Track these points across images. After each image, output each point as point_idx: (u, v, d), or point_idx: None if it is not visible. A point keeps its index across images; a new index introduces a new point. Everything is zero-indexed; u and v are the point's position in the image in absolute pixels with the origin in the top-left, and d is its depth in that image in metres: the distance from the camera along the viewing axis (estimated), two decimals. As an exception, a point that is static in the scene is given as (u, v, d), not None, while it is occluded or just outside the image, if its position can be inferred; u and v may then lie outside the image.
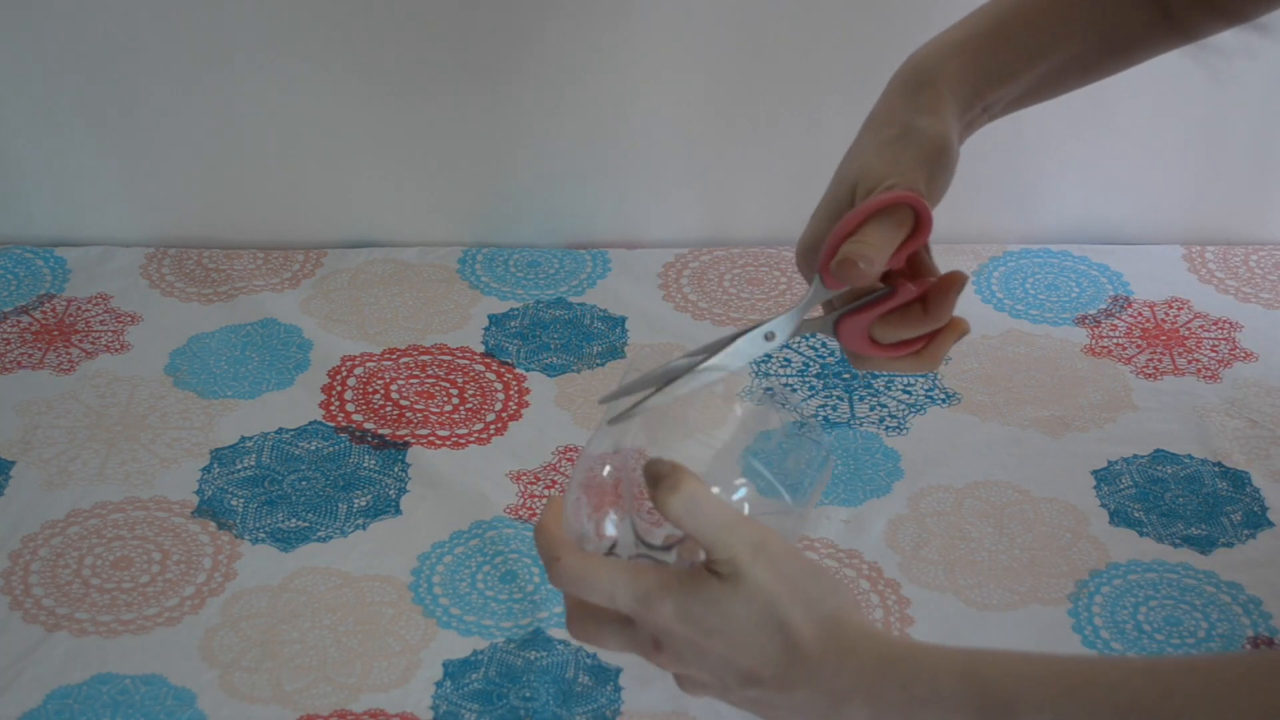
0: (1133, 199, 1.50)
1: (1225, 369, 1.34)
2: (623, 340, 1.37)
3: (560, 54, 1.42)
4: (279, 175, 1.48)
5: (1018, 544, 1.16)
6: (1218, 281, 1.45)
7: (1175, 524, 1.18)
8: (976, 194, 1.51)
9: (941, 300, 0.88)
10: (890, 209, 0.86)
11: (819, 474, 0.84)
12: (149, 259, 1.46)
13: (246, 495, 1.20)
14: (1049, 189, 1.50)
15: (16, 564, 1.13)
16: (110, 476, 1.21)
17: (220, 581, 1.13)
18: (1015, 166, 1.49)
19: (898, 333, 0.88)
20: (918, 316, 0.88)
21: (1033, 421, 1.28)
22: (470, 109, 1.45)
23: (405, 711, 1.03)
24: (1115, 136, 1.47)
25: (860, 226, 0.86)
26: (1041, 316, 1.40)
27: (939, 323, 0.88)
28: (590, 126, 1.47)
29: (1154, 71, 1.48)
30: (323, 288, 1.43)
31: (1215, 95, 1.45)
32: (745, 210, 1.50)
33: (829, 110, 1.45)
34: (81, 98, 1.43)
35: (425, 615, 1.10)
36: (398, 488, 1.21)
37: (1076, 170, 1.50)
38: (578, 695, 1.05)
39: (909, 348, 0.89)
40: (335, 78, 1.43)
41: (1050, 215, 1.50)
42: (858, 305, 0.88)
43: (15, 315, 1.38)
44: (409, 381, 1.31)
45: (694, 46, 1.42)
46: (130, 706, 1.03)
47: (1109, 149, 1.49)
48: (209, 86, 1.43)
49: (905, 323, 0.88)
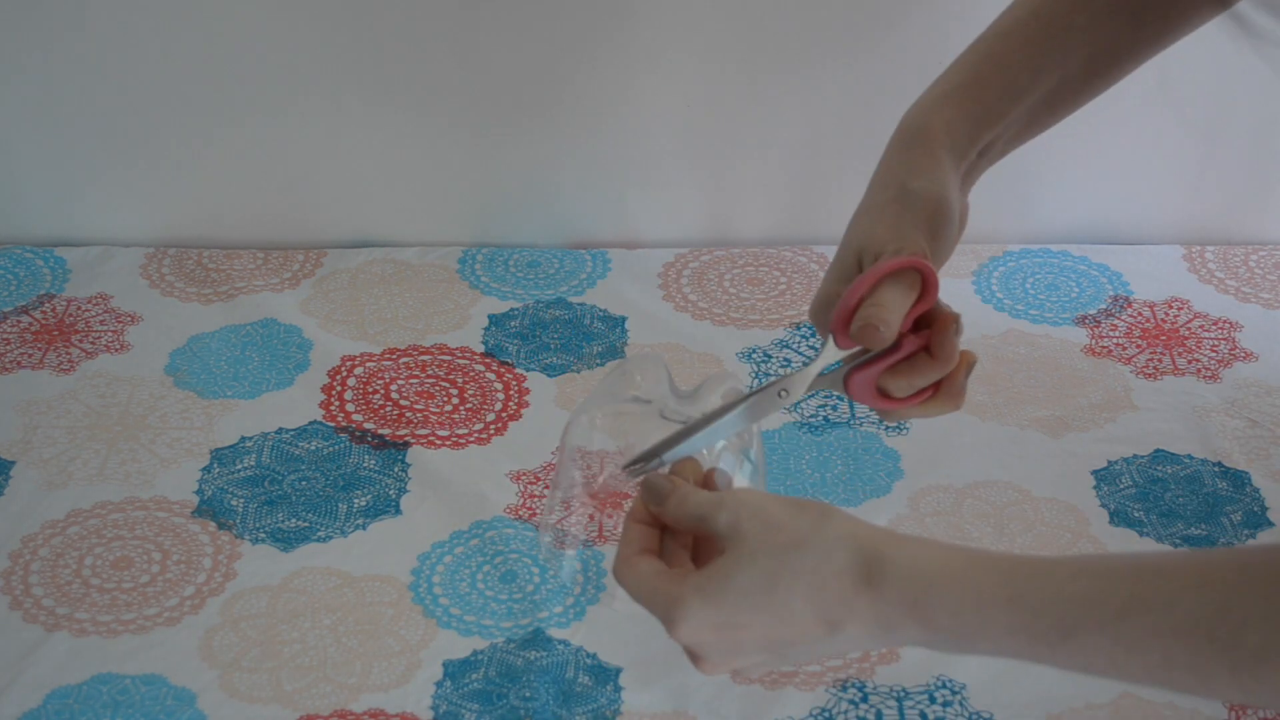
0: (1133, 199, 1.50)
1: (1225, 369, 1.34)
2: (623, 340, 1.37)
3: (560, 54, 1.42)
4: (279, 175, 1.48)
5: (1018, 544, 1.16)
6: (1218, 281, 1.45)
7: (1175, 524, 1.18)
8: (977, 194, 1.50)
9: (943, 343, 0.90)
10: (899, 273, 0.88)
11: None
12: (149, 259, 1.46)
13: (246, 495, 1.20)
14: (1049, 189, 1.50)
15: (16, 564, 1.14)
16: (110, 476, 1.21)
17: (220, 581, 1.13)
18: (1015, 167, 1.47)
19: (911, 383, 0.90)
20: (926, 364, 0.90)
21: (1033, 421, 1.28)
22: (470, 109, 1.45)
23: (405, 711, 1.03)
24: (1115, 137, 1.47)
25: (872, 290, 0.88)
26: (1041, 316, 1.40)
27: (947, 366, 0.90)
28: (590, 126, 1.47)
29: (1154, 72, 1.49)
30: (323, 288, 1.43)
31: (1215, 95, 1.45)
32: (745, 210, 1.50)
33: (829, 110, 1.46)
34: (81, 98, 1.43)
35: (425, 615, 1.10)
36: (398, 488, 1.21)
37: (1076, 170, 1.50)
38: (578, 695, 1.05)
39: (921, 396, 0.91)
40: (335, 78, 1.43)
41: (1050, 215, 1.50)
42: (864, 360, 0.90)
43: (15, 315, 1.38)
44: (409, 381, 1.31)
45: (694, 47, 1.42)
46: (130, 706, 1.03)
47: (1109, 149, 1.49)
48: (209, 87, 1.43)
49: (915, 372, 0.90)
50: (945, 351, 0.90)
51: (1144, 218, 1.51)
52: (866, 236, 0.93)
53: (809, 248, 1.49)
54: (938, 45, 1.44)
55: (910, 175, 0.95)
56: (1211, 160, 1.49)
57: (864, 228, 0.94)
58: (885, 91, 1.46)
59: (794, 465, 1.23)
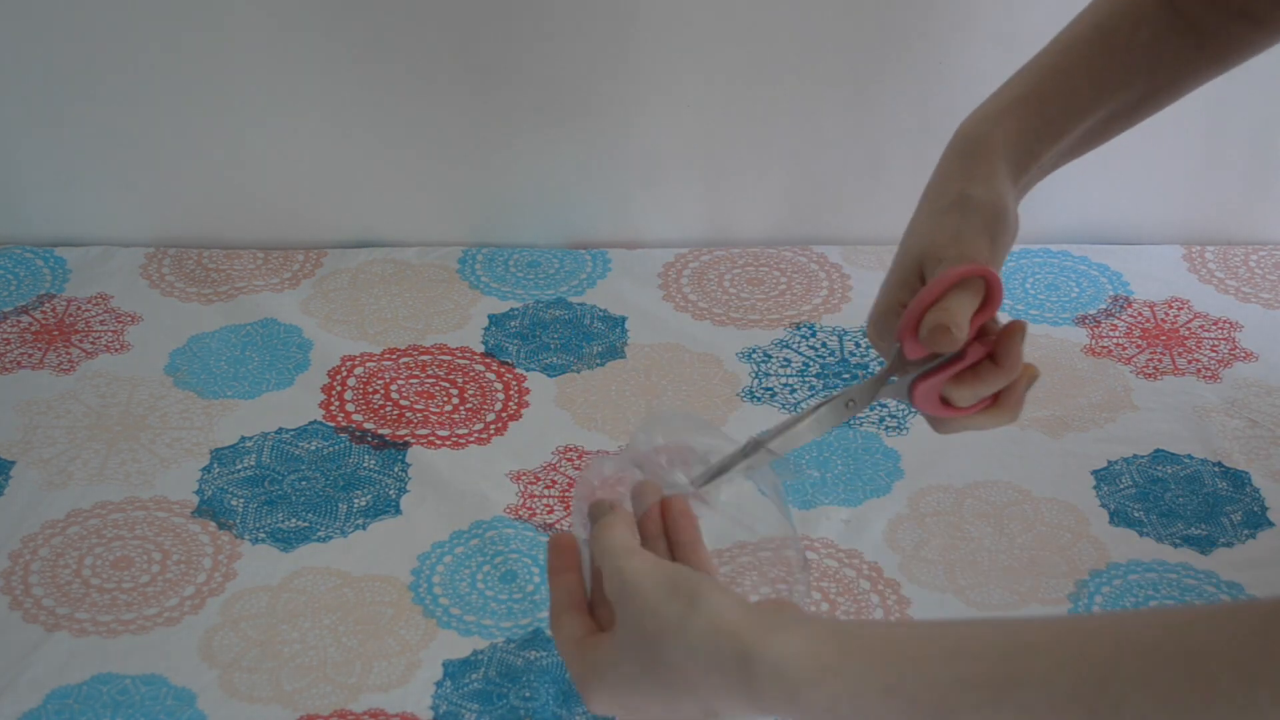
0: (1133, 199, 1.50)
1: (1225, 369, 1.34)
2: (623, 340, 1.37)
3: (561, 55, 1.42)
4: (279, 175, 1.48)
5: (1018, 544, 1.16)
6: (1218, 281, 1.45)
7: (1175, 524, 1.18)
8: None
9: (1009, 351, 0.90)
10: (964, 281, 0.88)
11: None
12: (149, 259, 1.46)
13: (246, 495, 1.20)
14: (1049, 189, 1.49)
15: (16, 564, 1.14)
16: (110, 476, 1.21)
17: (220, 581, 1.13)
18: (1015, 166, 1.48)
19: (976, 391, 0.91)
20: (990, 372, 0.91)
21: (1033, 421, 1.28)
22: (471, 109, 1.45)
23: (405, 711, 1.03)
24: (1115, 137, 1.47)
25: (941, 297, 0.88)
26: (1041, 316, 1.40)
27: (1013, 374, 0.91)
28: (591, 127, 1.47)
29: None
30: (323, 288, 1.43)
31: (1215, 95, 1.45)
32: (745, 210, 1.50)
33: (829, 110, 1.46)
34: (81, 98, 1.43)
35: (425, 615, 1.10)
36: (398, 488, 1.21)
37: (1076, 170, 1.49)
38: (577, 695, 1.05)
39: (981, 404, 0.91)
40: (336, 78, 1.43)
41: (1050, 215, 1.50)
42: (929, 368, 0.91)
43: (15, 315, 1.38)
44: (409, 381, 1.31)
45: (694, 48, 1.42)
46: (130, 706, 1.03)
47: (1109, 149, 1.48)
48: (209, 87, 1.43)
49: (979, 381, 0.91)
50: (1011, 359, 0.90)
51: (1144, 218, 1.51)
52: (928, 244, 0.93)
53: (809, 248, 1.49)
54: (935, 49, 1.44)
55: (969, 183, 0.95)
56: (1211, 160, 1.49)
57: (925, 235, 0.94)
58: (885, 93, 1.46)
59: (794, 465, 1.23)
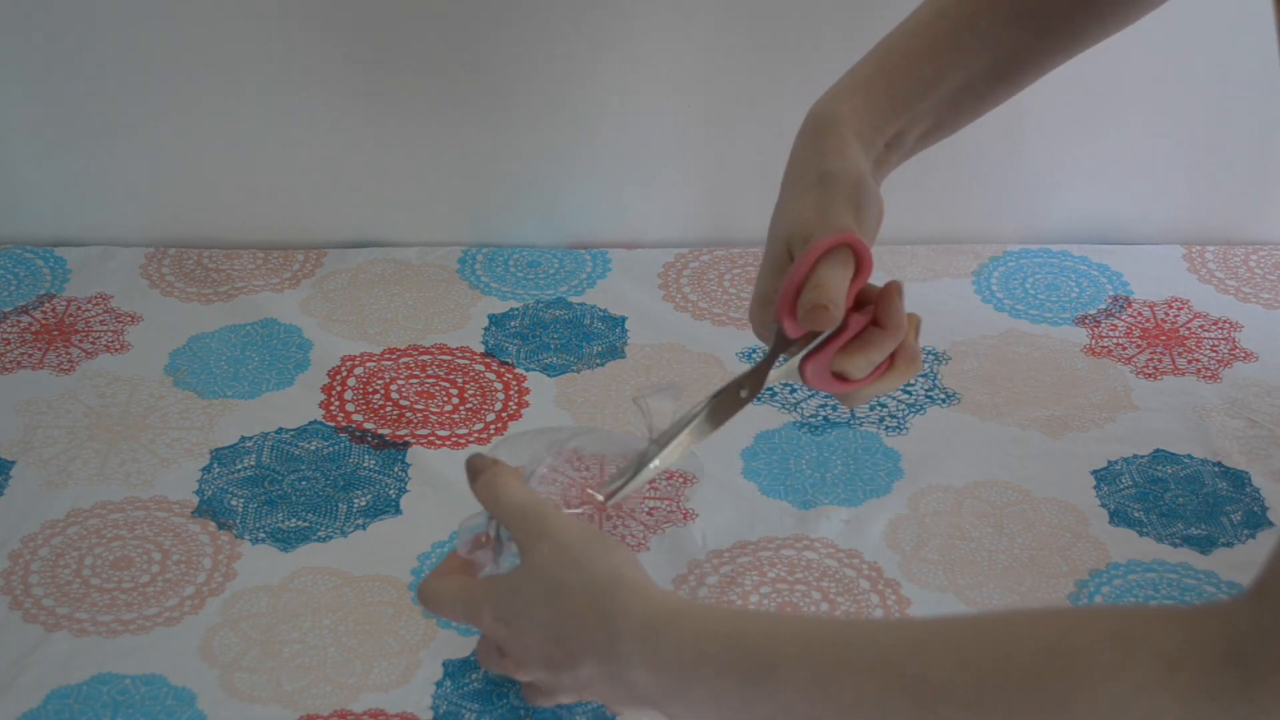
0: (1133, 199, 1.50)
1: (1225, 369, 1.34)
2: (623, 340, 1.37)
3: (560, 53, 1.42)
4: (279, 175, 1.48)
5: (1017, 544, 1.16)
6: (1218, 281, 1.45)
7: (1175, 524, 1.18)
8: (976, 194, 1.51)
9: (891, 310, 0.91)
10: (832, 252, 0.89)
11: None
12: (149, 259, 1.46)
13: (246, 495, 1.20)
14: (1049, 189, 1.50)
15: (16, 564, 1.14)
16: (110, 476, 1.21)
17: (220, 581, 1.13)
18: (1015, 166, 1.49)
19: (869, 359, 0.91)
20: (878, 336, 0.91)
21: (1033, 421, 1.28)
22: (470, 109, 1.45)
23: (405, 711, 1.03)
24: (1115, 136, 1.47)
25: (810, 273, 0.89)
26: (1041, 316, 1.40)
27: (899, 335, 0.91)
28: (590, 126, 1.47)
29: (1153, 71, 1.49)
30: (323, 288, 1.43)
31: (1215, 95, 1.45)
32: (745, 210, 1.50)
33: (829, 110, 1.45)
34: (81, 98, 1.43)
35: (425, 615, 1.10)
36: (398, 488, 1.21)
37: (1076, 170, 1.50)
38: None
39: (877, 372, 0.92)
40: (335, 77, 1.43)
41: (1050, 215, 1.50)
42: (814, 346, 0.91)
43: (15, 315, 1.38)
44: (409, 381, 1.31)
45: (694, 46, 1.42)
46: (130, 706, 1.03)
47: (1109, 149, 1.49)
48: (209, 86, 1.43)
49: (869, 348, 0.91)
50: (895, 319, 0.91)
51: (1144, 218, 1.51)
52: (793, 224, 0.95)
53: (809, 248, 1.49)
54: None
55: (825, 159, 0.97)
56: (1211, 160, 1.49)
57: (788, 216, 0.96)
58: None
59: (794, 465, 1.23)
